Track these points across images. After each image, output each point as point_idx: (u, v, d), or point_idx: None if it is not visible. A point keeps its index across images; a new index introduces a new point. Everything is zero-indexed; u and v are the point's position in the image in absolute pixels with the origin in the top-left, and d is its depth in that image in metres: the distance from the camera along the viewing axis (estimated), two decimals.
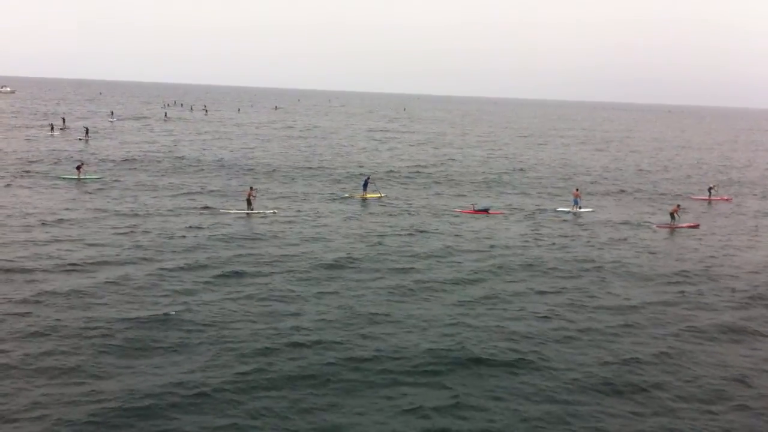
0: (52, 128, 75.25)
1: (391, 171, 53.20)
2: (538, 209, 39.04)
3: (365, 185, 41.63)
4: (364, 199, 40.25)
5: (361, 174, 49.09)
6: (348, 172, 51.70)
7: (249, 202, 33.74)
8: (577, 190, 41.15)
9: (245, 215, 33.10)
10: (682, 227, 34.66)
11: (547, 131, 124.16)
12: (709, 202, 45.05)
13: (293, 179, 47.36)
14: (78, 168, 43.40)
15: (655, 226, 34.83)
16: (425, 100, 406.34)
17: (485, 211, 36.83)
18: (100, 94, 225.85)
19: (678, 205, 36.11)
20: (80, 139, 66.87)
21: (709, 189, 46.99)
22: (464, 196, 43.25)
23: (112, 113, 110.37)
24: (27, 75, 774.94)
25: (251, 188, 34.97)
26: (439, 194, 43.69)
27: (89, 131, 71.35)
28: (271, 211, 34.31)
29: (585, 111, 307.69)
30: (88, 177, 43.17)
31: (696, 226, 35.26)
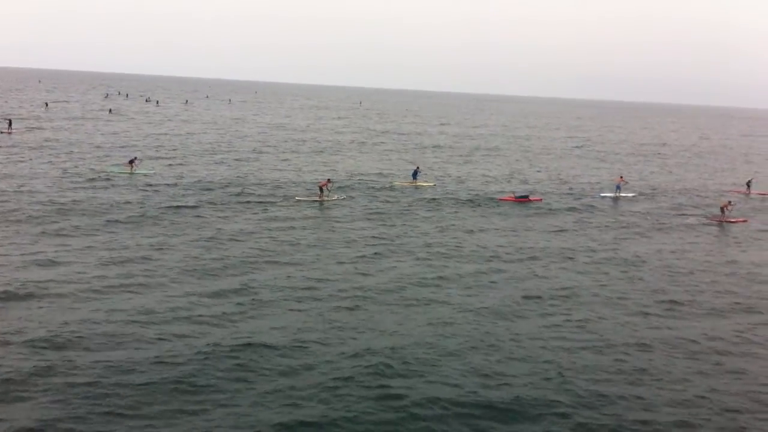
0: None
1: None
2: (579, 194, 43.50)
3: (415, 174, 45.65)
4: (416, 187, 44.11)
5: (409, 167, 52.10)
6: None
7: (321, 190, 36.90)
8: (621, 177, 46.22)
9: (318, 202, 36.24)
10: (731, 221, 38.44)
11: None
12: (748, 195, 48.81)
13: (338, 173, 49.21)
14: (130, 162, 43.33)
15: (706, 219, 38.55)
16: (383, 94, 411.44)
17: (525, 198, 40.02)
18: (39, 82, 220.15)
19: (729, 201, 40.01)
20: (2, 132, 61.23)
21: (748, 183, 50.77)
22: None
23: (47, 104, 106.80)
24: None
25: (328, 180, 38.22)
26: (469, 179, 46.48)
27: (12, 123, 64.50)
28: (341, 197, 37.82)
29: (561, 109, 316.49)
30: (140, 171, 42.83)
31: (744, 221, 38.98)
